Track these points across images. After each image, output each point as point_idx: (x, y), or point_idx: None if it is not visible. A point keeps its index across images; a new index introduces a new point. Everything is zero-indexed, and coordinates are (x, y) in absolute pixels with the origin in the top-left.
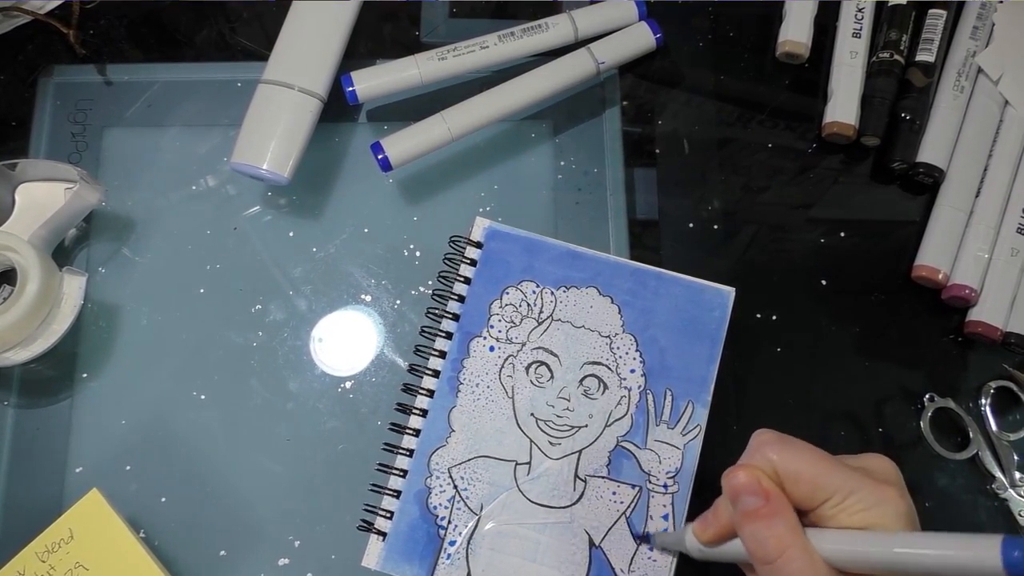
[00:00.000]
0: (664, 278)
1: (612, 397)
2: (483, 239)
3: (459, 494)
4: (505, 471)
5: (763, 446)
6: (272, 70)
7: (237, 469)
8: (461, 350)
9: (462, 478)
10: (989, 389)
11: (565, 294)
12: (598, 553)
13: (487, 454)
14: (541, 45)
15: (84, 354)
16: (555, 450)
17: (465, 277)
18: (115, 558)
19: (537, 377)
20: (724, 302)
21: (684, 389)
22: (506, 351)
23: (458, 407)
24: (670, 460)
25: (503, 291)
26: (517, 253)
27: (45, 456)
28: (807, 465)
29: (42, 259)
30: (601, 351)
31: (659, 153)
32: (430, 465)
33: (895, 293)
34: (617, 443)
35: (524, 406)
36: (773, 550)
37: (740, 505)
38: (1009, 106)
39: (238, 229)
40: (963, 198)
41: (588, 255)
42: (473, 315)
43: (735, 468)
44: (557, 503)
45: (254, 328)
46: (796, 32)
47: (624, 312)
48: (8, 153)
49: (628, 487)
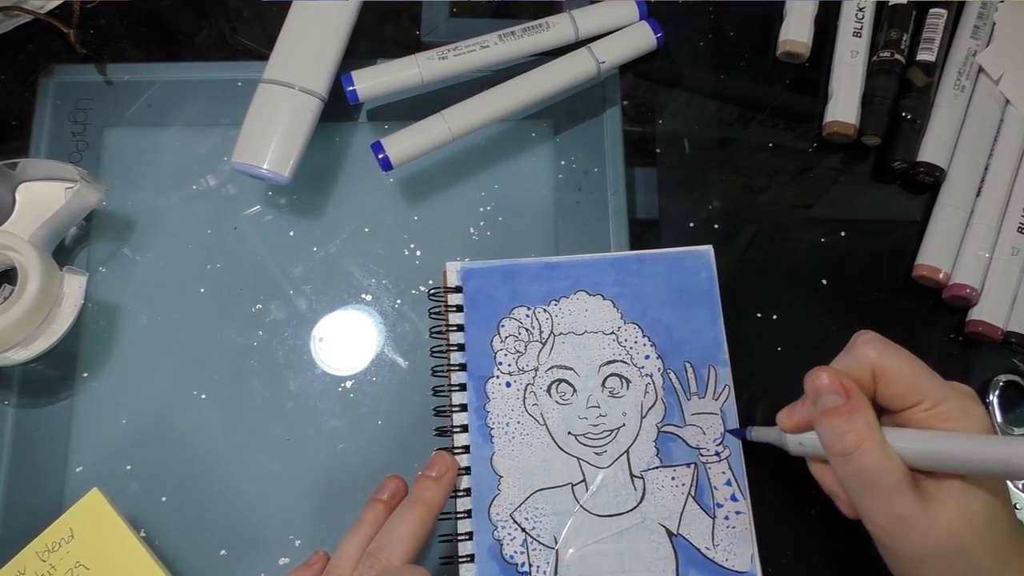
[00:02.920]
0: (643, 259)
1: (637, 389)
2: (460, 282)
3: (529, 535)
4: (564, 497)
5: (864, 344)
6: (272, 69)
7: (238, 469)
8: (480, 397)
9: (526, 519)
10: (998, 383)
11: (557, 307)
12: (680, 540)
13: (541, 487)
14: (542, 44)
15: (84, 353)
16: (603, 458)
17: (457, 325)
18: (115, 557)
19: (561, 395)
20: (706, 262)
21: (701, 356)
22: (523, 381)
23: (497, 452)
24: (712, 428)
25: (498, 325)
26: (498, 284)
27: (46, 455)
28: (905, 367)
29: (43, 258)
30: (612, 349)
31: (659, 153)
32: (492, 518)
33: (896, 293)
34: (658, 430)
35: (559, 428)
36: (851, 443)
37: (820, 403)
38: (1010, 105)
39: (238, 229)
40: (964, 197)
41: (565, 262)
42: (478, 359)
43: (818, 369)
44: (624, 508)
45: (254, 328)
46: (797, 31)
47: (619, 304)
48: (9, 152)
49: (683, 467)
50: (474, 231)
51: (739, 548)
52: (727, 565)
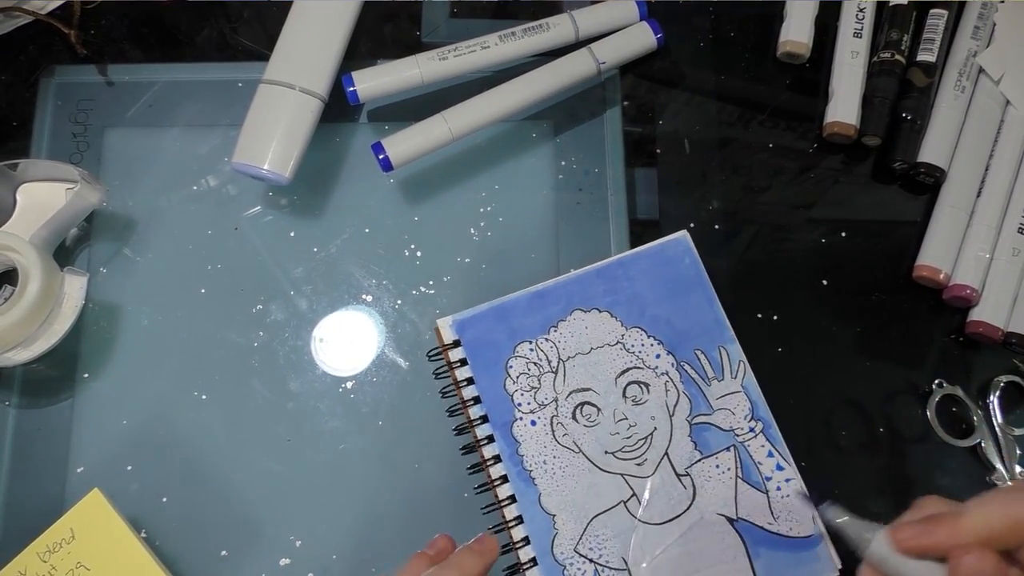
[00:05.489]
0: (625, 261)
1: (658, 390)
2: (457, 335)
3: (598, 564)
4: (620, 516)
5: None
6: (273, 70)
7: (238, 469)
8: (510, 443)
9: (591, 548)
10: (999, 383)
11: (557, 332)
12: (742, 524)
13: (595, 513)
14: (542, 45)
15: (85, 354)
16: (645, 467)
17: (467, 379)
18: (116, 558)
19: (587, 418)
20: (686, 247)
21: (708, 340)
22: (546, 415)
23: (543, 492)
24: (740, 406)
25: (506, 367)
26: (493, 326)
27: (46, 456)
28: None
29: (43, 259)
30: (622, 358)
31: (660, 153)
32: (557, 558)
33: (896, 293)
34: (690, 424)
35: (594, 450)
36: None
37: None
38: (1010, 106)
39: (239, 229)
40: (964, 198)
41: (552, 287)
42: (497, 406)
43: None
44: (680, 510)
45: (255, 328)
46: (797, 32)
47: (615, 312)
48: (9, 153)
49: (724, 452)
50: (474, 231)
51: (799, 515)
52: (792, 534)
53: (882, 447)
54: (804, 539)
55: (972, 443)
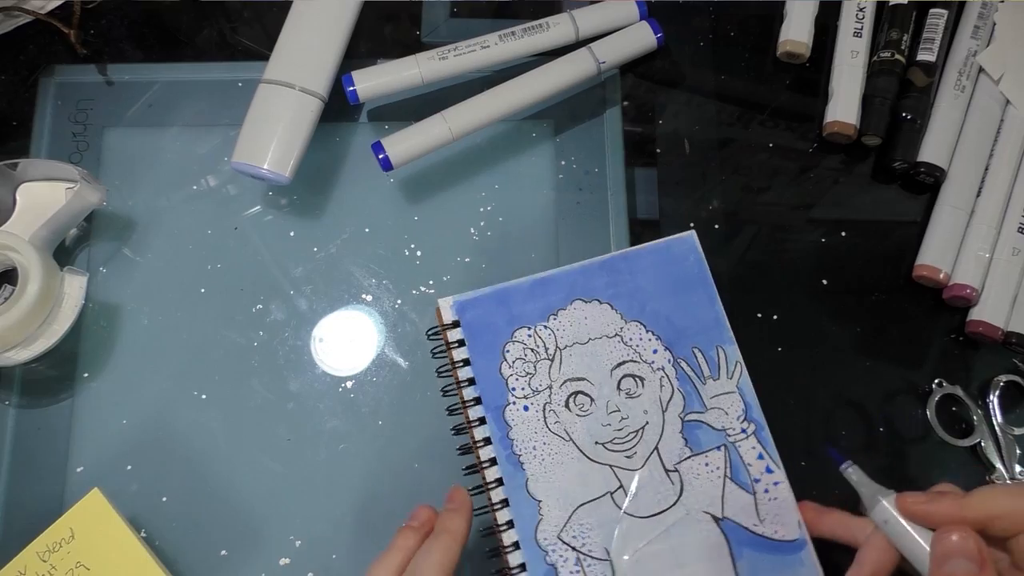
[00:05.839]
0: (630, 255)
1: (653, 385)
2: (456, 316)
3: (580, 553)
4: (606, 507)
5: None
6: (273, 70)
7: (238, 469)
8: (501, 426)
9: (574, 537)
10: (998, 383)
11: (557, 321)
12: (727, 524)
13: (581, 502)
14: (542, 45)
15: (85, 354)
16: (635, 460)
17: (463, 359)
18: (116, 558)
19: (580, 407)
20: (692, 246)
21: (707, 339)
22: (540, 401)
23: (531, 477)
24: (734, 406)
25: (503, 351)
26: (493, 310)
27: (46, 456)
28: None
29: (43, 259)
30: (619, 351)
31: (660, 153)
32: (540, 544)
33: (896, 293)
34: (682, 421)
35: (585, 440)
36: None
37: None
38: (1010, 106)
39: (239, 229)
40: (964, 198)
41: (555, 275)
42: (491, 389)
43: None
44: (666, 505)
45: (255, 328)
46: (797, 32)
47: (616, 305)
48: (9, 153)
49: (715, 451)
50: (474, 231)
51: (784, 518)
52: (777, 537)
53: (882, 447)
54: (789, 543)
55: (972, 443)
